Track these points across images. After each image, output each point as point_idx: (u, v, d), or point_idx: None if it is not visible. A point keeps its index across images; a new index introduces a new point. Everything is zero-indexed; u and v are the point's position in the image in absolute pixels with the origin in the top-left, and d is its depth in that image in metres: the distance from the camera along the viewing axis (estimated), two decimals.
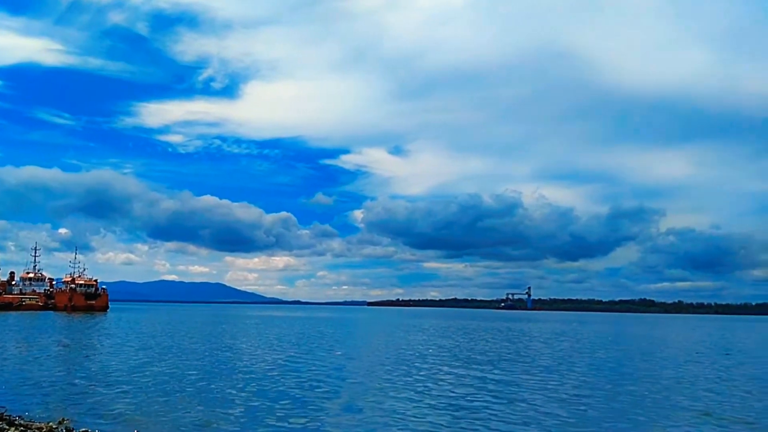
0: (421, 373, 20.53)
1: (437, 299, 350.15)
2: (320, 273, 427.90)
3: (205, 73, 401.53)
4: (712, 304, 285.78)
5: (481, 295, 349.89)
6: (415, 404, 14.34)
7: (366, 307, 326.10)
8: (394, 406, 13.97)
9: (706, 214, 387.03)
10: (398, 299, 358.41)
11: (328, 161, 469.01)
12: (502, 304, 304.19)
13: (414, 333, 48.84)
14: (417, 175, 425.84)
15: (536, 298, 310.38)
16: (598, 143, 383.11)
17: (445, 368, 22.39)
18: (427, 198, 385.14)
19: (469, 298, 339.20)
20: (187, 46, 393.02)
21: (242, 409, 13.41)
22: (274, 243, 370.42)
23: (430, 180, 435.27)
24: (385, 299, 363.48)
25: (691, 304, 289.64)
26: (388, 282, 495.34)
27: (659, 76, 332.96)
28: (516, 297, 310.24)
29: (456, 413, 13.39)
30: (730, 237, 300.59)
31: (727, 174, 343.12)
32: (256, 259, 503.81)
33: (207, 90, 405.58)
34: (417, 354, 28.33)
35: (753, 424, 13.00)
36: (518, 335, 49.83)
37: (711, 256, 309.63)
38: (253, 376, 19.03)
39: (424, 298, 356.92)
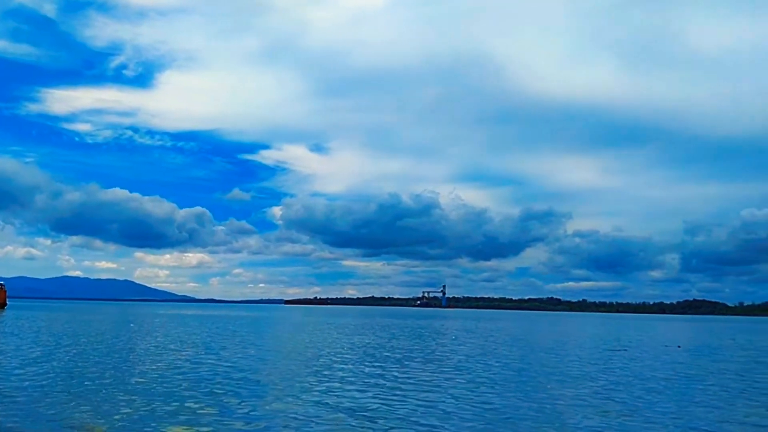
0: (331, 372, 20.34)
1: (355, 297, 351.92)
2: (236, 270, 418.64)
3: (117, 60, 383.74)
4: (614, 302, 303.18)
5: (398, 294, 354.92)
6: (319, 405, 14.13)
7: (283, 305, 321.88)
8: (295, 407, 13.73)
9: (609, 218, 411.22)
10: (316, 297, 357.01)
11: (246, 156, 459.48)
12: (418, 302, 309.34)
13: (329, 331, 48.68)
14: (337, 173, 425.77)
15: (451, 296, 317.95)
16: (511, 147, 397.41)
17: (357, 367, 22.35)
18: (346, 196, 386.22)
19: (387, 297, 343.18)
20: (99, 31, 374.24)
21: (129, 411, 12.74)
22: (188, 239, 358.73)
23: (351, 178, 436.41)
24: (302, 297, 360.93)
25: (594, 302, 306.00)
26: (306, 280, 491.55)
27: (569, 86, 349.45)
28: (431, 295, 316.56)
29: (362, 413, 13.34)
30: (630, 240, 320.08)
31: (629, 180, 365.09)
32: (167, 256, 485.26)
33: (119, 78, 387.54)
34: (329, 352, 28.17)
35: (649, 417, 13.76)
36: (431, 333, 50.77)
37: (613, 258, 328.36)
38: (152, 377, 18.17)
39: (342, 297, 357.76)
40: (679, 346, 40.41)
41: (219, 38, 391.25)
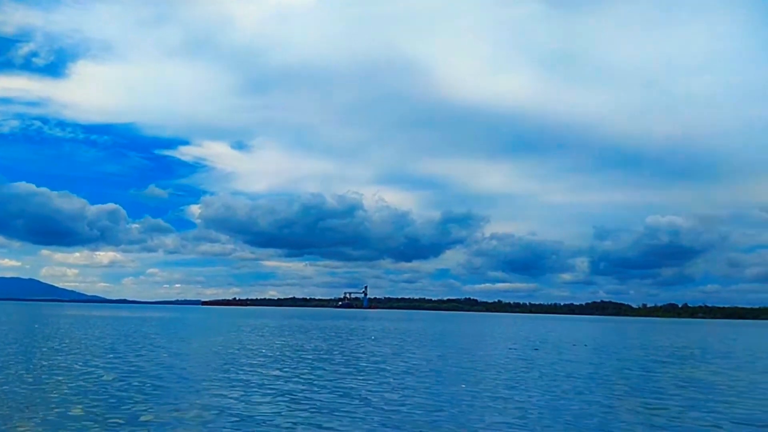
0: (241, 377, 19.95)
1: (276, 298, 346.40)
2: (150, 270, 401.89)
3: (27, 48, 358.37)
4: (527, 303, 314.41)
5: (319, 294, 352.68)
6: (230, 410, 13.87)
7: (200, 306, 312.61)
8: (200, 413, 13.40)
9: (524, 222, 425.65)
10: (235, 298, 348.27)
11: (164, 152, 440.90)
12: (340, 303, 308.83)
13: (246, 333, 47.70)
14: (260, 171, 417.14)
15: (372, 297, 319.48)
16: (433, 151, 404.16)
17: (268, 370, 22.04)
18: (269, 195, 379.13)
19: (308, 297, 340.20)
20: (8, 17, 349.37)
21: (20, 421, 12.02)
22: (99, 237, 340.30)
23: (273, 177, 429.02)
24: (221, 298, 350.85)
25: (510, 303, 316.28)
26: (224, 281, 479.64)
27: (489, 93, 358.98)
28: (353, 296, 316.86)
29: (263, 417, 13.20)
30: (544, 243, 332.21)
31: (544, 186, 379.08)
32: (77, 254, 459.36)
33: (28, 66, 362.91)
34: (243, 355, 27.61)
35: (551, 413, 14.35)
36: (350, 333, 50.83)
37: (527, 260, 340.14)
38: (52, 381, 17.22)
39: (263, 297, 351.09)
40: (585, 345, 42.47)
41: (137, 29, 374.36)
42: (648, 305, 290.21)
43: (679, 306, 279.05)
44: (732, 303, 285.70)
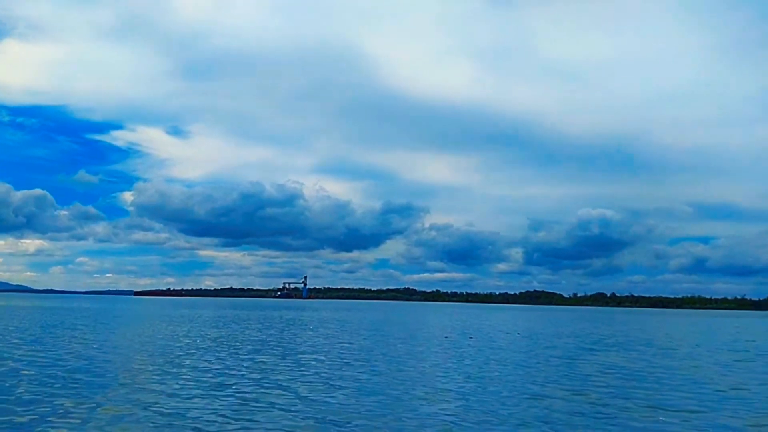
0: (175, 368, 19.55)
1: (212, 288, 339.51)
2: (80, 259, 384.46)
3: None
4: (464, 293, 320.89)
5: (258, 284, 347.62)
6: (155, 404, 13.56)
7: (132, 296, 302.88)
8: (128, 407, 13.07)
9: (462, 213, 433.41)
10: (169, 289, 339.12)
11: (95, 136, 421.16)
12: (279, 293, 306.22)
13: (179, 324, 46.62)
14: (196, 159, 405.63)
15: (312, 287, 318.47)
16: (375, 142, 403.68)
17: (204, 360, 21.68)
18: (206, 183, 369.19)
19: (246, 288, 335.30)
20: None
21: None
22: (25, 224, 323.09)
23: (211, 165, 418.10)
24: (154, 288, 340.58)
25: (447, 292, 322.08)
26: (158, 270, 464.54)
27: (431, 86, 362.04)
28: (292, 286, 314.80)
29: (203, 409, 13.01)
30: (481, 234, 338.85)
31: (481, 179, 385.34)
32: (1, 242, 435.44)
33: None
34: (176, 346, 27.02)
35: (481, 400, 14.72)
36: (287, 323, 50.50)
37: (465, 251, 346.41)
38: None
39: (199, 288, 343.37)
40: (518, 334, 43.74)
41: (68, 7, 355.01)
42: (578, 294, 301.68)
43: (608, 295, 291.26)
44: (656, 293, 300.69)
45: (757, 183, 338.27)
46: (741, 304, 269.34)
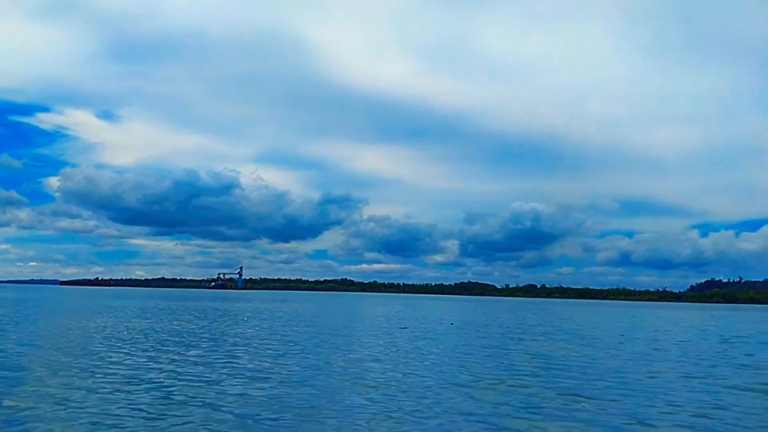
0: (98, 361, 18.77)
1: (143, 278, 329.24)
2: (2, 246, 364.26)
3: None
4: (401, 284, 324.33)
5: (191, 275, 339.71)
6: (71, 400, 12.96)
7: (58, 286, 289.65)
8: (43, 404, 12.45)
9: (401, 205, 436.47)
10: (98, 278, 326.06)
11: (19, 118, 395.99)
12: (213, 284, 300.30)
13: (106, 315, 44.85)
14: (128, 144, 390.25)
15: (248, 277, 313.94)
16: (315, 132, 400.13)
17: (130, 353, 20.91)
18: (137, 170, 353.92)
19: (178, 278, 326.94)
20: None
21: None
22: None
23: (143, 151, 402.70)
24: (81, 278, 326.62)
25: (384, 283, 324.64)
26: (86, 259, 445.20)
27: (373, 78, 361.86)
28: (227, 276, 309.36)
29: (119, 402, 12.53)
30: (418, 226, 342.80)
31: (420, 171, 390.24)
32: None
33: None
34: (101, 338, 25.96)
35: (409, 390, 14.82)
36: (220, 314, 49.47)
37: (403, 242, 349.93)
38: None
39: (128, 277, 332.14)
40: (451, 324, 44.49)
41: None
42: (510, 286, 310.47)
43: (538, 286, 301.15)
44: (584, 284, 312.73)
45: (678, 180, 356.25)
46: (662, 296, 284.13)
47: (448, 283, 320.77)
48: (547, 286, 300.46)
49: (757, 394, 15.58)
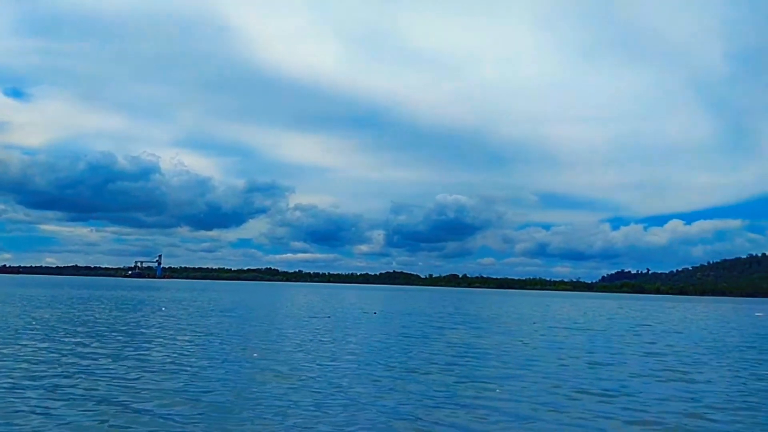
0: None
1: (54, 266, 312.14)
2: None
3: None
4: (326, 273, 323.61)
5: (106, 263, 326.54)
6: None
7: None
8: None
9: (328, 194, 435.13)
10: (5, 265, 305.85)
11: None
12: (130, 273, 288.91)
13: (11, 304, 42.13)
14: (39, 124, 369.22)
15: (167, 266, 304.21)
16: (239, 116, 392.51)
17: (34, 344, 19.72)
18: (49, 151, 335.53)
19: (93, 266, 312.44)
20: None
21: None
22: None
23: (56, 132, 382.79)
24: None
25: (309, 273, 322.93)
26: None
27: (299, 64, 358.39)
28: (145, 265, 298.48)
29: (23, 399, 11.83)
30: (345, 215, 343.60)
31: (347, 160, 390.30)
32: None
33: None
34: (3, 328, 24.37)
35: (331, 379, 14.77)
36: (136, 304, 47.60)
37: (329, 232, 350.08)
38: None
39: (39, 265, 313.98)
40: (375, 313, 44.82)
41: None
42: (433, 275, 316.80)
43: (460, 276, 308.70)
44: (504, 274, 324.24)
45: (592, 175, 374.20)
46: (576, 286, 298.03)
47: (373, 273, 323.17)
48: (468, 276, 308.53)
49: (660, 381, 16.54)
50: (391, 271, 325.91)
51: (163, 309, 42.45)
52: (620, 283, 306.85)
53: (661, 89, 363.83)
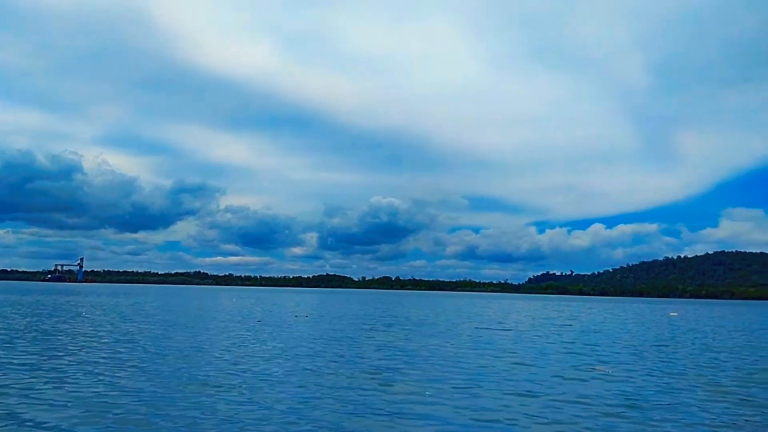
0: None
1: None
2: None
3: None
4: (258, 276, 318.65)
5: (24, 266, 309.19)
6: None
7: None
8: None
9: (260, 196, 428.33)
10: None
11: None
12: (49, 276, 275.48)
13: None
14: None
15: (89, 269, 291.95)
16: (168, 115, 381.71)
17: None
18: None
19: (9, 269, 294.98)
20: None
21: None
22: None
23: None
24: None
25: (241, 276, 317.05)
26: None
27: (232, 63, 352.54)
28: (66, 269, 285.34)
29: None
30: (277, 217, 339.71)
31: (280, 162, 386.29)
32: None
33: None
34: None
35: (263, 378, 14.44)
36: (54, 309, 45.13)
37: (261, 234, 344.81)
38: None
39: None
40: (306, 316, 44.40)
41: None
42: (367, 278, 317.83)
43: (392, 279, 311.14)
44: (435, 276, 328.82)
45: (519, 179, 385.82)
46: (504, 287, 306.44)
47: (306, 276, 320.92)
48: (401, 278, 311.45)
49: (580, 380, 17.12)
50: (325, 274, 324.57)
51: (84, 314, 40.50)
52: (545, 284, 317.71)
53: (586, 97, 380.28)
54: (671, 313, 73.25)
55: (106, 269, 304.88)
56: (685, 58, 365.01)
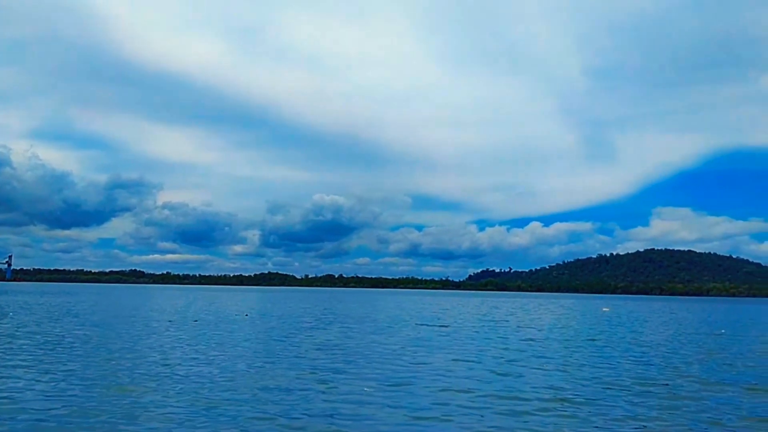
0: None
1: None
2: None
3: None
4: (197, 275, 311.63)
5: None
6: None
7: None
8: None
9: (200, 192, 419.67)
10: None
11: None
12: None
13: None
14: None
15: (18, 267, 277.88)
16: (102, 108, 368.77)
17: None
18: None
19: None
20: None
21: None
22: None
23: None
24: None
25: (179, 275, 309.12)
26: None
27: (172, 57, 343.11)
28: None
29: None
30: (218, 214, 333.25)
31: (221, 157, 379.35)
32: None
33: None
34: None
35: (197, 379, 13.95)
36: None
37: (200, 231, 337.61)
38: None
39: None
40: (246, 315, 43.57)
41: None
42: (310, 276, 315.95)
43: (336, 276, 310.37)
44: (378, 274, 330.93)
45: (460, 178, 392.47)
46: (445, 284, 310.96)
47: (247, 274, 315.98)
48: (344, 275, 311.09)
49: (509, 376, 17.39)
50: (267, 272, 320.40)
51: (10, 315, 38.42)
52: (485, 281, 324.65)
53: (526, 99, 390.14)
54: (603, 309, 75.96)
55: (36, 267, 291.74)
56: (623, 61, 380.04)
